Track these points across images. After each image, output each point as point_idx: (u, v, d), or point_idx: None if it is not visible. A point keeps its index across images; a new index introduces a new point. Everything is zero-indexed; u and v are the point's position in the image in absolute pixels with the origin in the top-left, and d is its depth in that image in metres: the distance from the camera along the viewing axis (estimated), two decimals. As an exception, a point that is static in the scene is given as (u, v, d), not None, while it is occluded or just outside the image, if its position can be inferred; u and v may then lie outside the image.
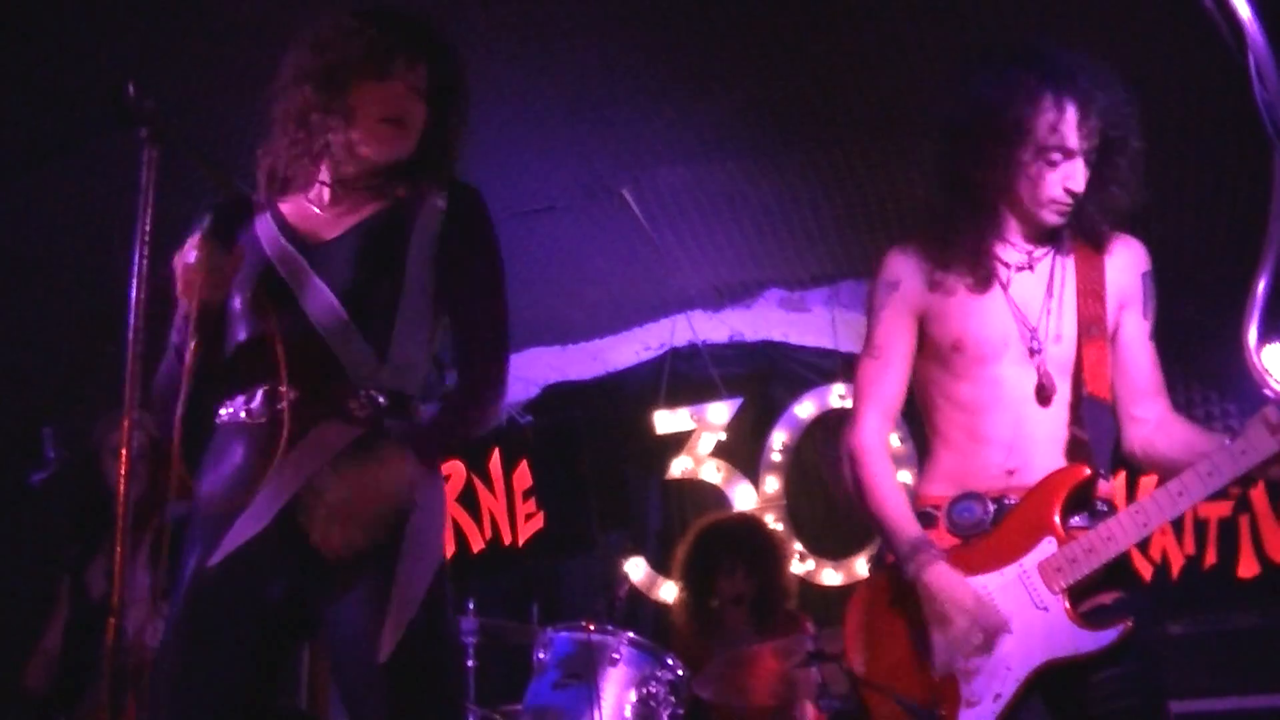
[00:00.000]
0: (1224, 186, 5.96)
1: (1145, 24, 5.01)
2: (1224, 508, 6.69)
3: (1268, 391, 3.02)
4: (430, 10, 3.11)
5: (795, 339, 7.82)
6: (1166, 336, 3.43)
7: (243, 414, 2.85)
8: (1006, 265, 3.36)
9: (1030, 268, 3.37)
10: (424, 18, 3.08)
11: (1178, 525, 6.75)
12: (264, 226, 3.02)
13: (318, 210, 3.03)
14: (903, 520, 3.29)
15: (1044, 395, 3.27)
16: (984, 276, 3.34)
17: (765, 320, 7.81)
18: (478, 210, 3.05)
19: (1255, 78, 1.65)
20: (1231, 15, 1.61)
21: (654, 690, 5.17)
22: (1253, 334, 1.72)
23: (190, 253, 2.79)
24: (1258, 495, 6.60)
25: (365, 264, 2.91)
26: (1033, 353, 3.29)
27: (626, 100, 5.72)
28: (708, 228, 6.82)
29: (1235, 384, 6.58)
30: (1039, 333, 3.30)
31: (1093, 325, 3.30)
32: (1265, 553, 6.60)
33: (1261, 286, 1.75)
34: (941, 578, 3.17)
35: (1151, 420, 3.36)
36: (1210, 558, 6.71)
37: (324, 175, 3.04)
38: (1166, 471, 3.23)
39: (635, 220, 6.57)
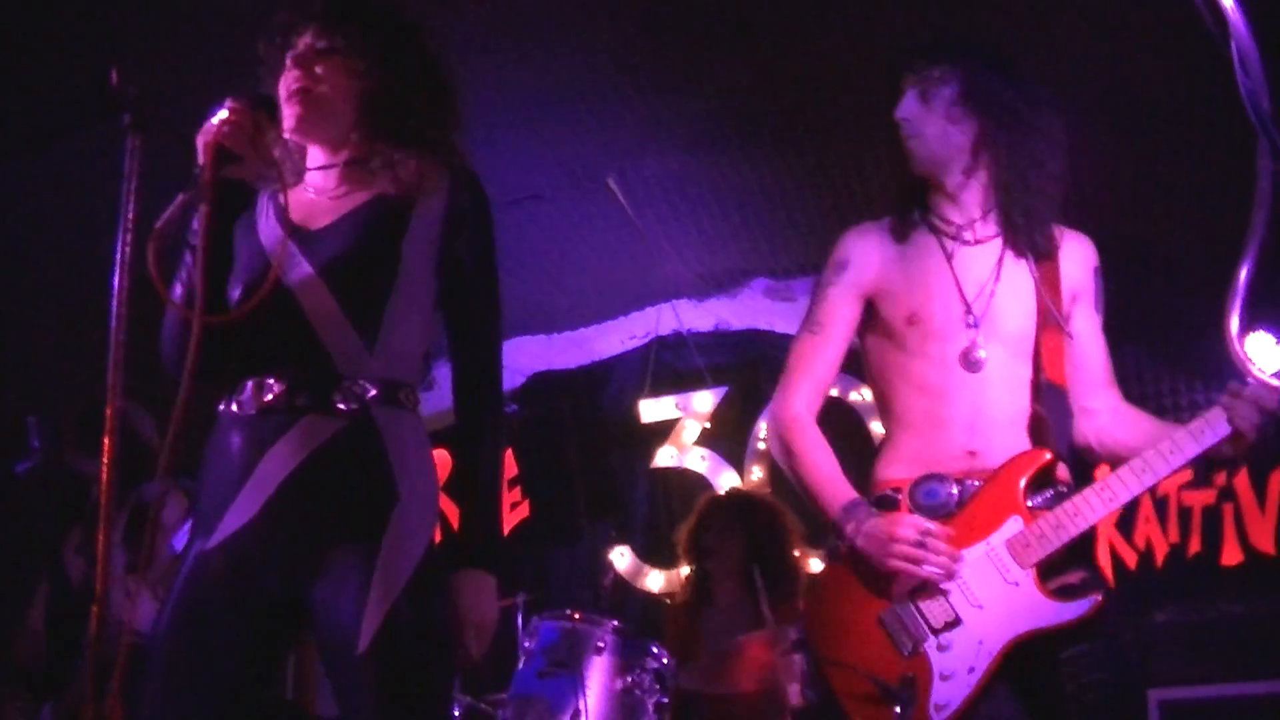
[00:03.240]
0: (1207, 176, 5.97)
1: (1131, 14, 5.01)
2: (1208, 496, 6.72)
3: (1250, 380, 3.05)
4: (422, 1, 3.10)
5: (781, 328, 7.81)
6: (1150, 327, 3.47)
7: (234, 406, 2.84)
8: (950, 238, 3.43)
9: (972, 243, 3.42)
10: None
11: (1162, 513, 6.78)
12: (263, 211, 2.99)
13: (315, 196, 2.98)
14: (833, 486, 3.34)
15: (969, 361, 3.30)
16: (929, 245, 3.42)
17: (751, 309, 7.81)
18: (483, 205, 3.02)
19: (1239, 67, 1.65)
20: (1215, 5, 1.62)
21: (639, 679, 5.18)
22: (1235, 323, 1.73)
23: (223, 110, 2.76)
24: (1241, 483, 6.63)
25: (359, 250, 2.87)
26: (967, 325, 3.32)
27: (613, 90, 5.72)
28: (693, 217, 6.82)
29: (1219, 373, 6.60)
30: (975, 306, 3.33)
31: (1050, 315, 3.35)
32: (1249, 541, 6.62)
33: (1243, 276, 1.76)
34: (877, 526, 3.19)
35: (1105, 411, 3.43)
36: (1194, 546, 6.73)
37: (313, 159, 3.01)
38: (1124, 460, 3.27)
39: (621, 209, 6.57)
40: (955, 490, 3.26)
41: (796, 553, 6.21)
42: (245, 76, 3.03)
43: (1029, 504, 3.21)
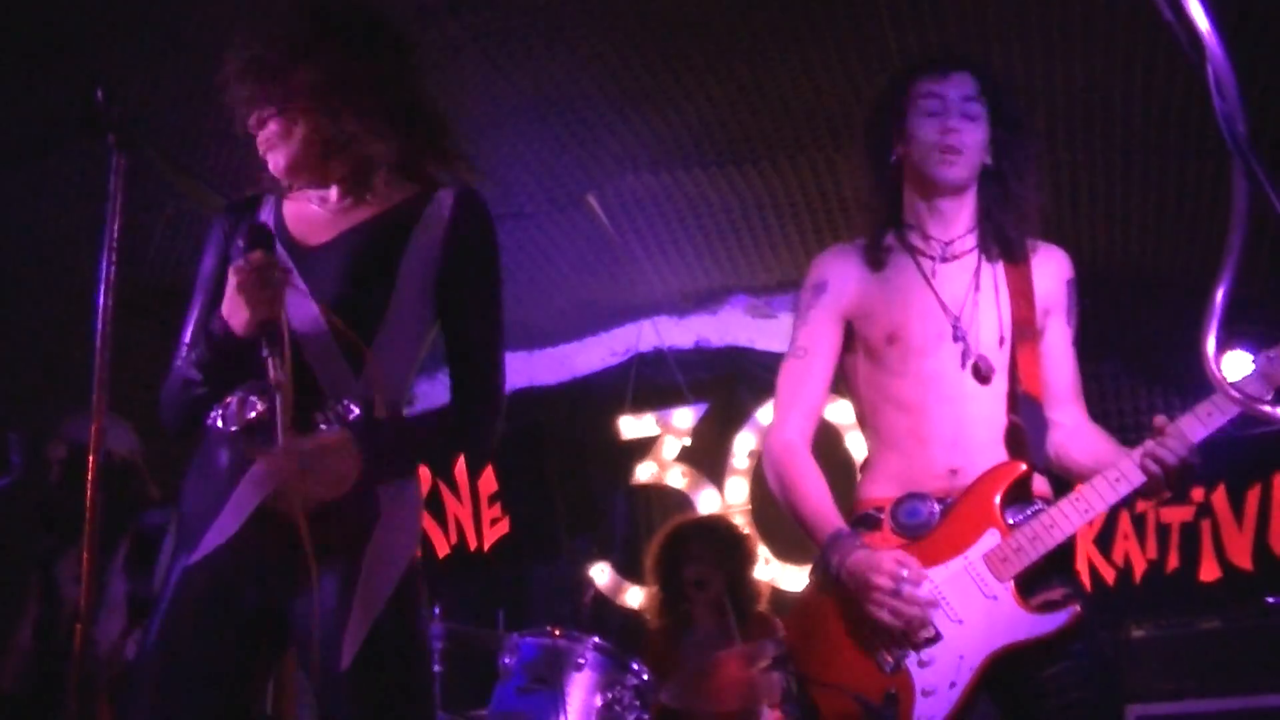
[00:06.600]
0: (1186, 195, 6.01)
1: (1108, 36, 5.05)
2: (1186, 513, 6.75)
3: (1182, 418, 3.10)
4: (398, 17, 3.09)
5: (761, 345, 7.84)
6: (1130, 342, 3.47)
7: (219, 422, 2.83)
8: (930, 257, 3.41)
9: (951, 259, 3.41)
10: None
11: (1140, 529, 6.81)
12: (264, 218, 2.95)
13: (319, 210, 2.96)
14: (823, 515, 3.30)
15: (981, 373, 3.29)
16: (906, 265, 3.41)
17: (731, 326, 7.83)
18: (485, 223, 3.03)
19: (1214, 90, 1.67)
20: (1191, 27, 1.63)
21: (619, 695, 5.18)
22: (1211, 343, 1.75)
23: (254, 268, 2.67)
24: (1219, 500, 6.66)
25: (354, 272, 2.85)
26: (957, 338, 3.32)
27: (593, 107, 5.74)
28: (674, 234, 6.84)
29: (1197, 390, 6.63)
30: (962, 320, 3.33)
31: (1025, 327, 3.34)
32: (1227, 557, 6.66)
33: (1220, 296, 1.77)
34: (862, 559, 3.17)
35: (1067, 425, 3.41)
36: (1173, 562, 6.76)
37: (335, 171, 2.95)
38: (1075, 478, 3.27)
39: (602, 226, 6.59)
40: (936, 509, 3.24)
41: (758, 573, 6.30)
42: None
43: (1006, 517, 3.20)
